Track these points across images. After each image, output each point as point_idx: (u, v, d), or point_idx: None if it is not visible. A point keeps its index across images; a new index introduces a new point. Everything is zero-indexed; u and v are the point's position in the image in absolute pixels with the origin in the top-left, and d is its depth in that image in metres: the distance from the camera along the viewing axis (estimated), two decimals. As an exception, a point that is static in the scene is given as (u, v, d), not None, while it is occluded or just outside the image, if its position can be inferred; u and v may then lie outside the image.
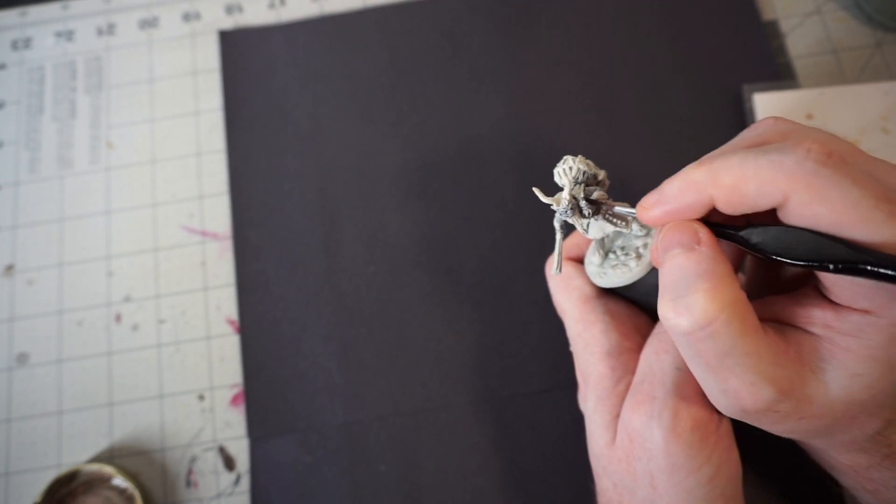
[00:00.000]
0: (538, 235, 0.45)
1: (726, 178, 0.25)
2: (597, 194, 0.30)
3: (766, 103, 0.46)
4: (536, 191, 0.30)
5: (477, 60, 0.50)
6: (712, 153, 0.27)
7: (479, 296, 0.45)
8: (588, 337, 0.33)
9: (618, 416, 0.31)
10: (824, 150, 0.23)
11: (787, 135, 0.26)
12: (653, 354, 0.31)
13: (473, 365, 0.43)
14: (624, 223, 0.31)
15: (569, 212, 0.30)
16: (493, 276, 0.45)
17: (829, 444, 0.29)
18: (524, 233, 0.46)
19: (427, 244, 0.46)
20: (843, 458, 0.29)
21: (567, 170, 0.30)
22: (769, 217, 0.25)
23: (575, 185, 0.30)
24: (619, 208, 0.30)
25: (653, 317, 0.35)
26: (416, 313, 0.45)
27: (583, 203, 0.30)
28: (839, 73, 0.48)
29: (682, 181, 0.26)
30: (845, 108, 0.45)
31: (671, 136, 0.47)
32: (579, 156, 0.31)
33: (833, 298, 0.26)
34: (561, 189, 0.30)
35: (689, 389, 0.29)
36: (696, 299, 0.24)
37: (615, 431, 0.31)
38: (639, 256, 0.31)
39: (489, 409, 0.43)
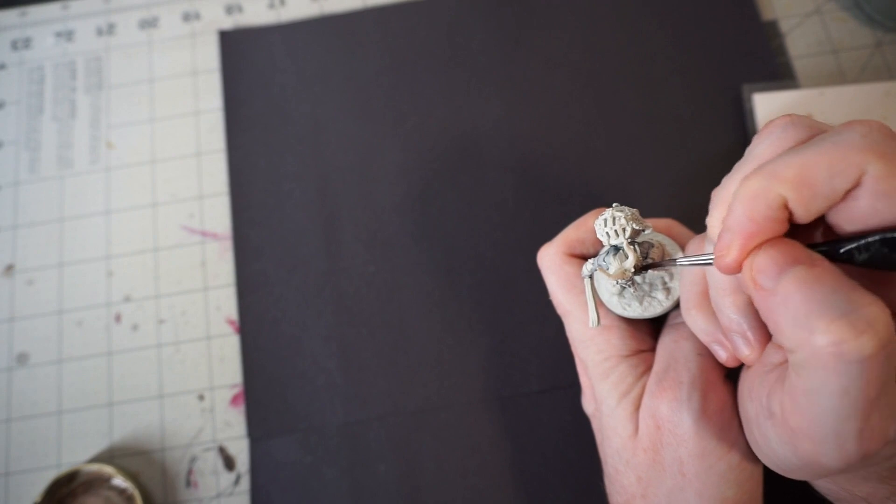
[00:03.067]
0: (538, 235, 0.45)
1: (788, 172, 0.22)
2: (653, 251, 0.29)
3: (766, 103, 0.46)
4: (600, 272, 0.28)
5: (477, 60, 0.50)
6: (741, 163, 0.25)
7: (479, 296, 0.45)
8: (603, 342, 0.32)
9: (639, 407, 0.31)
10: (880, 124, 0.22)
11: (814, 126, 0.24)
12: (672, 343, 0.30)
13: (473, 365, 0.43)
14: (668, 274, 0.30)
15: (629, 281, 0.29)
16: (493, 276, 0.45)
17: (849, 476, 0.27)
18: (524, 233, 0.46)
19: (427, 244, 0.46)
20: (859, 488, 0.28)
21: (620, 231, 0.28)
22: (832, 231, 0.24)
23: (635, 250, 0.28)
24: (683, 259, 0.27)
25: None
26: (416, 313, 0.45)
27: (647, 273, 0.29)
28: (839, 73, 0.48)
29: (741, 201, 0.23)
30: (846, 108, 0.45)
31: (671, 136, 0.47)
32: (624, 208, 0.28)
33: None
34: (611, 242, 0.29)
35: (713, 374, 0.29)
36: (875, 312, 0.20)
37: (637, 423, 0.31)
38: (668, 290, 0.30)
39: (489, 409, 0.43)
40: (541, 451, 0.42)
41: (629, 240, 0.28)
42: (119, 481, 0.41)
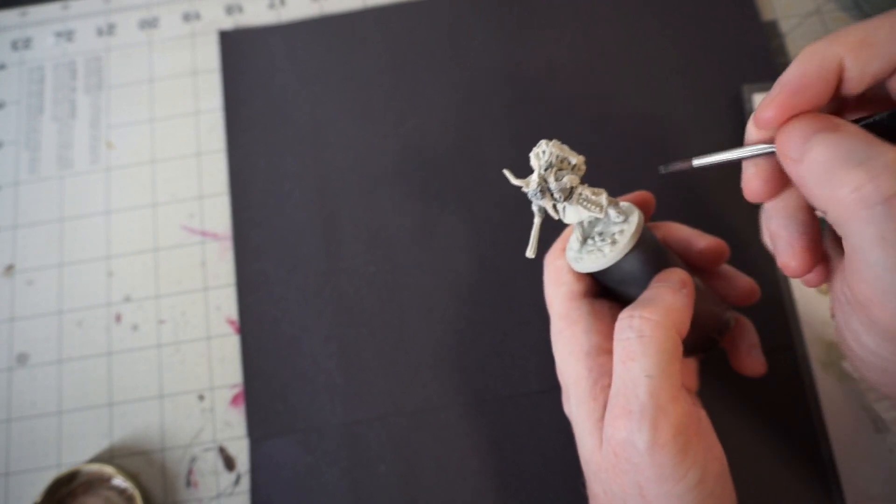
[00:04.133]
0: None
1: (850, 35, 0.23)
2: (567, 178, 0.30)
3: (766, 103, 0.46)
4: (507, 172, 0.30)
5: (477, 60, 0.50)
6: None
7: (479, 296, 0.45)
8: (569, 335, 0.32)
9: (600, 419, 0.30)
10: None
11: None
12: (621, 364, 0.29)
13: (473, 365, 0.43)
14: (598, 208, 0.31)
15: (538, 194, 0.30)
16: (493, 276, 0.45)
17: None
18: (524, 233, 0.45)
19: (427, 244, 0.46)
20: None
21: (540, 153, 0.30)
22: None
23: (546, 169, 0.30)
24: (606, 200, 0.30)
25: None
26: (416, 313, 0.45)
27: (553, 185, 0.30)
28: (839, 73, 0.48)
29: (799, 60, 0.23)
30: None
31: (671, 135, 0.47)
32: (554, 140, 0.31)
33: None
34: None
35: (664, 395, 0.28)
36: (892, 157, 0.21)
37: (600, 436, 0.30)
38: (614, 242, 0.31)
39: (489, 409, 0.43)
40: (541, 451, 0.42)
41: (547, 161, 0.30)
42: (119, 481, 0.41)
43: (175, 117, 0.50)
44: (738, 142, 0.46)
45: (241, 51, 0.51)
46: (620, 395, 0.29)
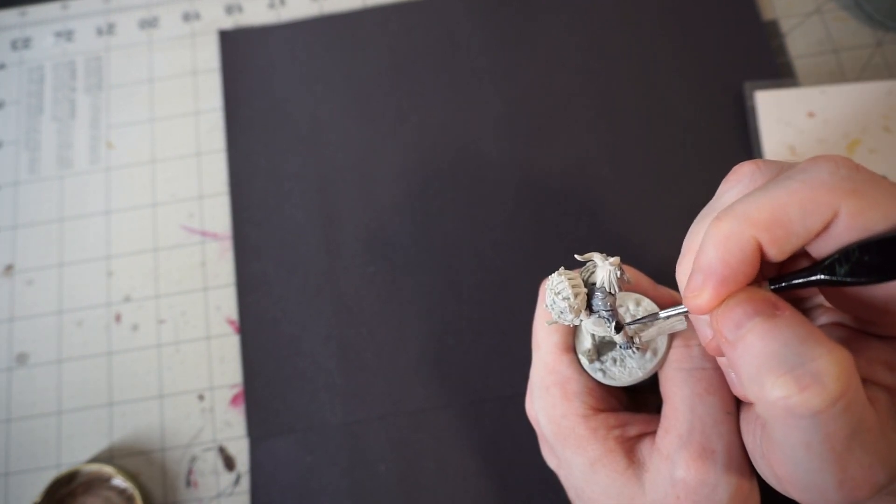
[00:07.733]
0: (538, 235, 0.45)
1: (761, 214, 0.22)
2: (633, 328, 0.28)
3: (767, 101, 0.46)
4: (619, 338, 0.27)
5: (477, 60, 0.50)
6: (710, 208, 0.25)
7: (479, 296, 0.45)
8: (557, 393, 0.30)
9: (632, 463, 0.28)
10: (844, 159, 0.22)
11: (782, 167, 0.24)
12: (695, 397, 0.27)
13: (473, 365, 0.43)
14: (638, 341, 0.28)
15: (623, 336, 0.27)
16: (493, 276, 0.45)
17: None
18: (524, 233, 0.46)
19: (427, 244, 0.46)
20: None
21: (565, 306, 0.26)
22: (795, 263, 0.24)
23: (607, 317, 0.27)
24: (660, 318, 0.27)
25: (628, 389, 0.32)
26: (416, 313, 0.44)
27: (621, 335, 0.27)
28: (839, 72, 0.48)
29: (714, 243, 0.22)
30: (847, 107, 0.45)
31: (672, 135, 0.47)
32: (563, 273, 0.27)
33: (882, 330, 0.23)
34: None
35: (740, 436, 0.27)
36: (823, 365, 0.20)
37: (634, 475, 0.28)
38: (654, 352, 0.29)
39: (489, 409, 0.43)
40: (541, 451, 0.42)
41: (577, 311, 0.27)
42: (119, 481, 0.41)
43: (175, 117, 0.50)
44: (740, 140, 0.46)
45: (241, 51, 0.51)
46: (696, 433, 0.27)
